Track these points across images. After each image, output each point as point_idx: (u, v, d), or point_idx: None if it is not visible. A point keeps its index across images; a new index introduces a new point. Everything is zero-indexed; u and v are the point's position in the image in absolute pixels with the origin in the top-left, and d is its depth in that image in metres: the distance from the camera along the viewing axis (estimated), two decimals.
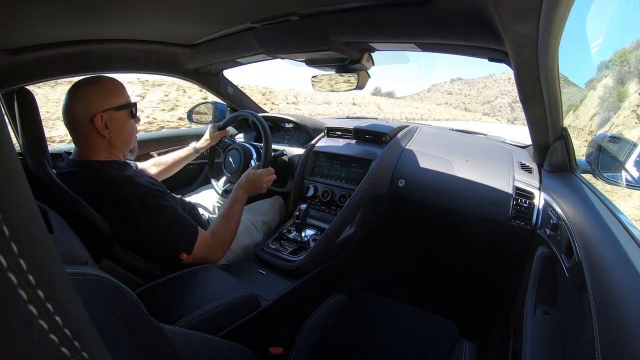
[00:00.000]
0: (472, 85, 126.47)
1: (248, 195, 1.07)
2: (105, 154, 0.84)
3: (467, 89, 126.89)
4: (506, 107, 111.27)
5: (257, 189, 1.09)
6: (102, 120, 0.81)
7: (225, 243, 0.97)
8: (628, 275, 0.49)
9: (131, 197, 0.79)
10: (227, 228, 0.98)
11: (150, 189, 0.83)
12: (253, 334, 0.85)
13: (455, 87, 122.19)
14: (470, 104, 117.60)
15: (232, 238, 0.99)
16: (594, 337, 0.43)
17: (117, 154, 0.87)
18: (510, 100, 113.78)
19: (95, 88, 0.82)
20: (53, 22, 0.79)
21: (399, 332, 0.84)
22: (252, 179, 1.08)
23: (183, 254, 0.85)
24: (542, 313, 0.69)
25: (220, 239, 0.95)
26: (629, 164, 0.77)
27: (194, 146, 1.31)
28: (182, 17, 0.88)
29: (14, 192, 0.13)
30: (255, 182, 1.08)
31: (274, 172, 1.14)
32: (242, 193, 1.05)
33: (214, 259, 0.94)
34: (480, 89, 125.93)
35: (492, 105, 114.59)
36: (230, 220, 0.99)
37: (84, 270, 0.37)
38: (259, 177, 1.09)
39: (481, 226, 1.06)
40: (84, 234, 0.68)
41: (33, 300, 0.13)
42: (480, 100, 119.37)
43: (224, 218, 0.99)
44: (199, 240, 0.88)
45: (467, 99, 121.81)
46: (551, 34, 0.52)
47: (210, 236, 0.93)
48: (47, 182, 0.76)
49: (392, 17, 0.77)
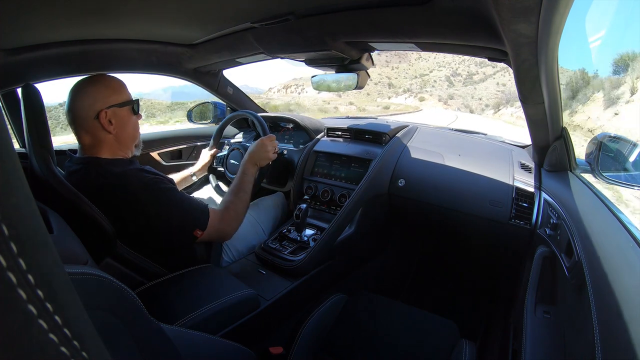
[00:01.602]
0: (403, 57, 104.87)
1: (256, 168, 1.07)
2: (111, 152, 0.85)
3: (397, 60, 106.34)
4: (443, 82, 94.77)
5: (264, 157, 1.08)
6: (106, 117, 0.82)
7: (239, 215, 0.98)
8: (628, 275, 0.49)
9: (137, 186, 0.80)
10: (238, 201, 0.98)
11: (156, 178, 0.84)
12: (253, 334, 0.85)
13: (382, 59, 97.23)
14: (397, 79, 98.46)
15: (244, 211, 1.00)
16: (594, 336, 0.43)
17: (124, 149, 0.88)
18: (450, 72, 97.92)
19: (99, 86, 0.83)
20: (53, 22, 0.79)
21: (399, 332, 0.84)
22: (255, 150, 1.08)
23: (197, 230, 0.86)
24: (542, 313, 0.69)
25: (232, 212, 0.96)
26: (628, 163, 0.77)
27: (191, 172, 1.31)
28: (182, 17, 0.89)
29: (14, 191, 0.13)
30: (259, 150, 1.08)
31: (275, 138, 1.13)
32: (249, 166, 1.05)
33: (228, 231, 0.95)
34: (412, 61, 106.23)
35: (424, 79, 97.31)
36: (240, 193, 1.00)
37: (84, 270, 0.37)
38: (262, 145, 1.08)
39: (481, 226, 1.06)
40: (87, 233, 0.68)
41: (32, 300, 0.13)
42: (411, 75, 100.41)
43: (234, 192, 1.00)
44: (213, 216, 0.89)
45: (395, 73, 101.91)
46: (551, 33, 0.52)
47: (222, 210, 0.94)
48: (50, 180, 0.76)
49: (392, 16, 0.77)
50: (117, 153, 0.86)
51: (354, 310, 0.91)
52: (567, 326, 0.62)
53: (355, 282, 1.28)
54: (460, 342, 0.80)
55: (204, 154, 1.35)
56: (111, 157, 0.85)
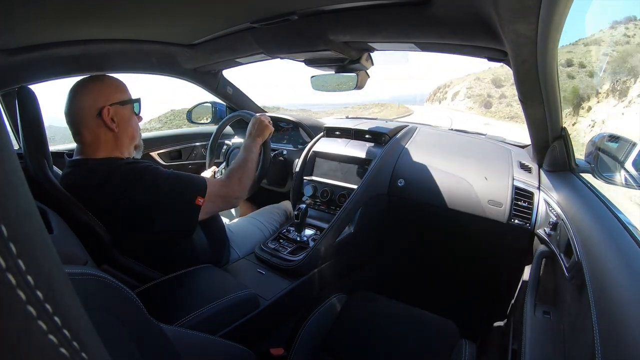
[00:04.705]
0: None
1: (258, 141, 1.07)
2: (108, 151, 0.83)
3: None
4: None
5: (264, 127, 1.09)
6: (109, 114, 0.81)
7: (242, 181, 0.96)
8: (628, 275, 0.49)
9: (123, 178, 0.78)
10: (241, 170, 0.98)
11: (147, 165, 0.82)
12: (252, 334, 0.85)
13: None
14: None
15: (249, 178, 0.99)
16: (593, 336, 0.43)
17: (122, 149, 0.86)
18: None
19: (100, 84, 0.82)
20: (53, 22, 0.79)
21: (399, 332, 0.84)
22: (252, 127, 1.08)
23: (198, 198, 0.84)
24: (541, 313, 0.69)
25: (236, 177, 0.95)
26: (628, 163, 0.77)
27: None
28: (182, 17, 0.88)
29: (13, 191, 0.13)
30: (257, 125, 1.08)
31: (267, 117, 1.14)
32: (251, 141, 1.05)
33: (234, 196, 0.94)
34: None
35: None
36: (244, 162, 0.99)
37: (84, 270, 0.37)
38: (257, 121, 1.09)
39: (480, 226, 1.06)
40: (83, 239, 0.68)
41: (32, 300, 0.13)
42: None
43: (237, 162, 0.99)
44: (213, 182, 0.88)
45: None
46: (550, 33, 0.52)
47: (225, 177, 0.94)
48: (45, 185, 0.75)
49: (391, 16, 0.77)
50: (113, 153, 0.84)
51: (354, 310, 0.91)
52: (567, 326, 0.62)
53: (355, 282, 1.28)
54: (460, 342, 0.80)
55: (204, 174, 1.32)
56: (105, 156, 0.82)
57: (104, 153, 0.82)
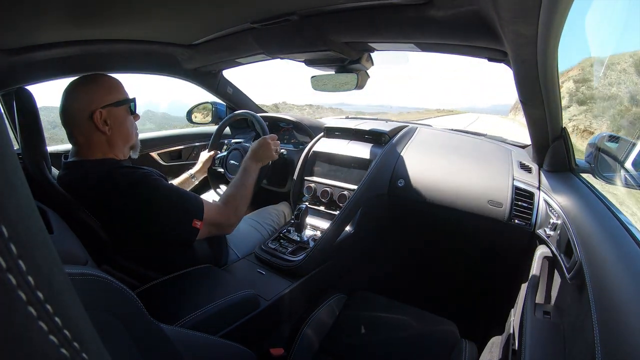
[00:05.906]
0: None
1: (259, 165, 1.06)
2: (102, 152, 0.83)
3: None
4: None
5: (267, 155, 1.07)
6: (101, 117, 0.80)
7: (238, 209, 0.96)
8: (628, 275, 0.49)
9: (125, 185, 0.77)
10: (238, 194, 0.97)
11: (145, 173, 0.82)
12: (253, 334, 0.85)
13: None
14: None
15: (245, 205, 0.98)
16: (593, 337, 0.43)
17: (116, 151, 0.85)
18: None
19: (93, 85, 0.81)
20: (53, 23, 0.79)
21: (399, 332, 0.84)
22: (259, 148, 1.06)
23: (195, 221, 0.83)
24: (541, 313, 0.69)
25: (232, 205, 0.94)
26: (628, 163, 0.77)
27: (190, 173, 1.30)
28: (181, 18, 0.88)
29: (13, 192, 0.13)
30: (263, 149, 1.07)
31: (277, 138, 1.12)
32: (252, 163, 1.04)
33: (229, 224, 0.94)
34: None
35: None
36: (241, 187, 0.98)
37: (84, 270, 0.37)
38: (265, 144, 1.07)
39: (481, 226, 1.06)
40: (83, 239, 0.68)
41: (32, 301, 0.13)
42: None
43: (235, 186, 0.98)
44: (210, 207, 0.88)
45: None
46: (550, 34, 0.52)
47: (221, 203, 0.93)
48: (44, 186, 0.75)
49: (391, 17, 0.77)
50: (107, 154, 0.83)
51: (353, 310, 0.91)
52: (567, 326, 0.62)
53: (355, 282, 1.28)
54: (460, 342, 0.80)
55: (203, 155, 1.34)
56: (100, 157, 0.82)
57: (98, 154, 0.82)
